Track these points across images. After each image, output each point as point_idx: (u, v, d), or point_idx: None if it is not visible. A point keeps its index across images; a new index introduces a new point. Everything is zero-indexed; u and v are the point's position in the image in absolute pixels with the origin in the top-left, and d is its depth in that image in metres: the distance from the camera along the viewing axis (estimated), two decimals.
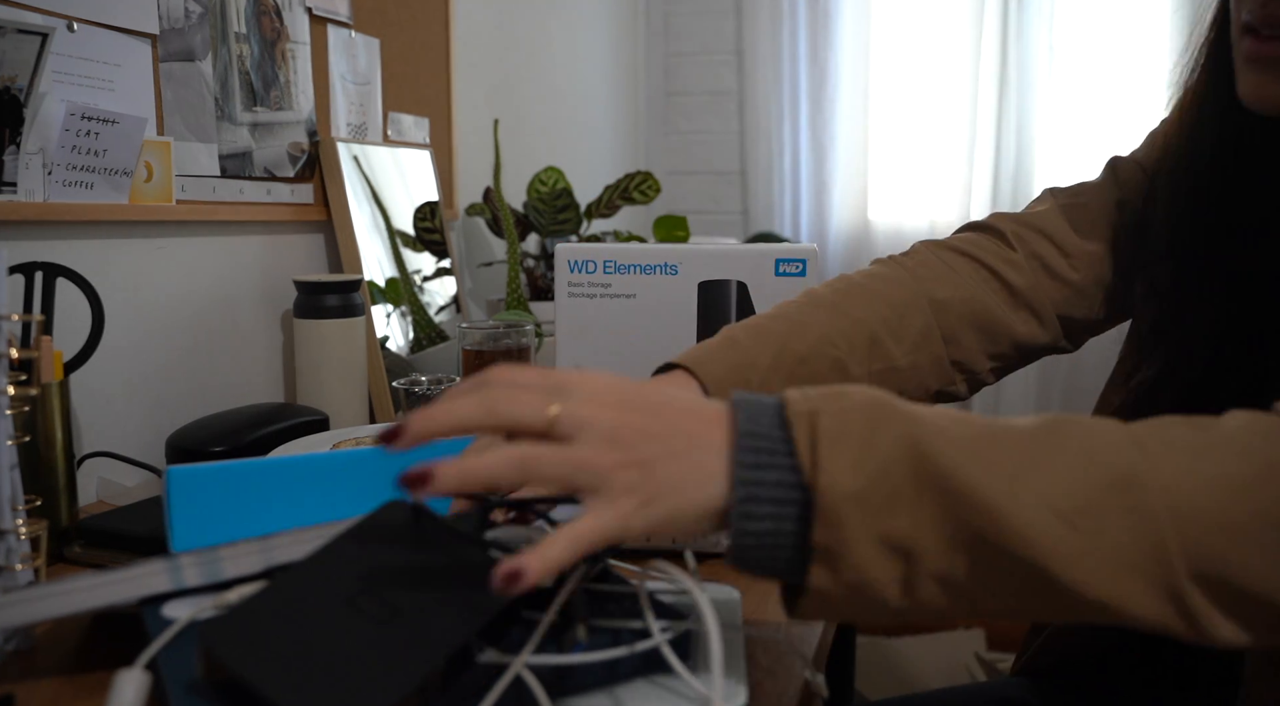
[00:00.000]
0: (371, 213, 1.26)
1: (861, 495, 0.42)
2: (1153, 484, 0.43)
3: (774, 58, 2.49)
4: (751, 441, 0.44)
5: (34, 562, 0.61)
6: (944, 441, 0.43)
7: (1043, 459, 0.44)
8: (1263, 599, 0.43)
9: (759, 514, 0.43)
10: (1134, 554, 0.43)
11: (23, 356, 0.63)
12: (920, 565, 0.43)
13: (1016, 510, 0.42)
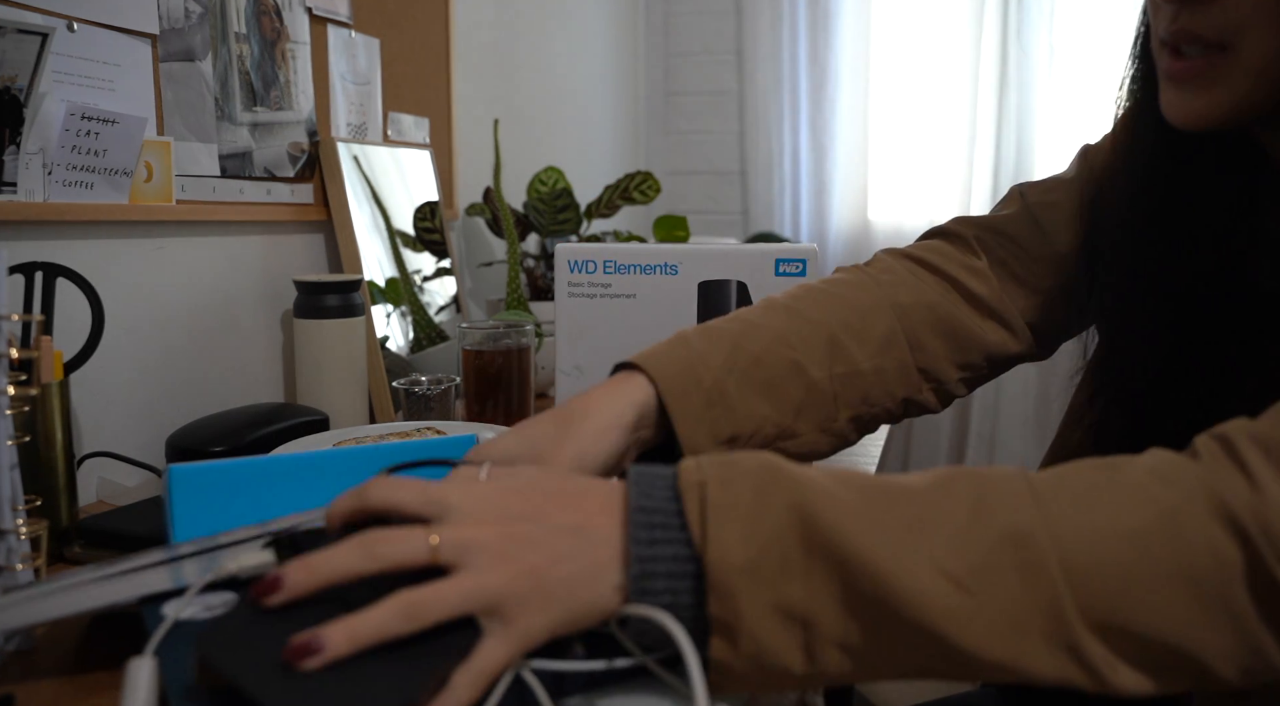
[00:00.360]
0: (371, 213, 1.26)
1: (752, 566, 0.43)
2: (1044, 538, 0.43)
3: (774, 58, 2.49)
4: (645, 516, 0.44)
5: (34, 562, 0.61)
6: (832, 506, 0.43)
7: (932, 518, 0.44)
8: (1164, 645, 0.43)
9: (656, 588, 0.44)
10: (1028, 612, 0.43)
11: (23, 356, 0.63)
12: (818, 632, 0.43)
13: (905, 574, 0.42)
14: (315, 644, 0.40)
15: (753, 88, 2.53)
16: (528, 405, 1.14)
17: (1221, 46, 0.57)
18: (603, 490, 0.47)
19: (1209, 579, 0.43)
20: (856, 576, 0.42)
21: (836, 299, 0.73)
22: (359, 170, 1.25)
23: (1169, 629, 0.43)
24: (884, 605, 0.42)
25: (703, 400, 0.64)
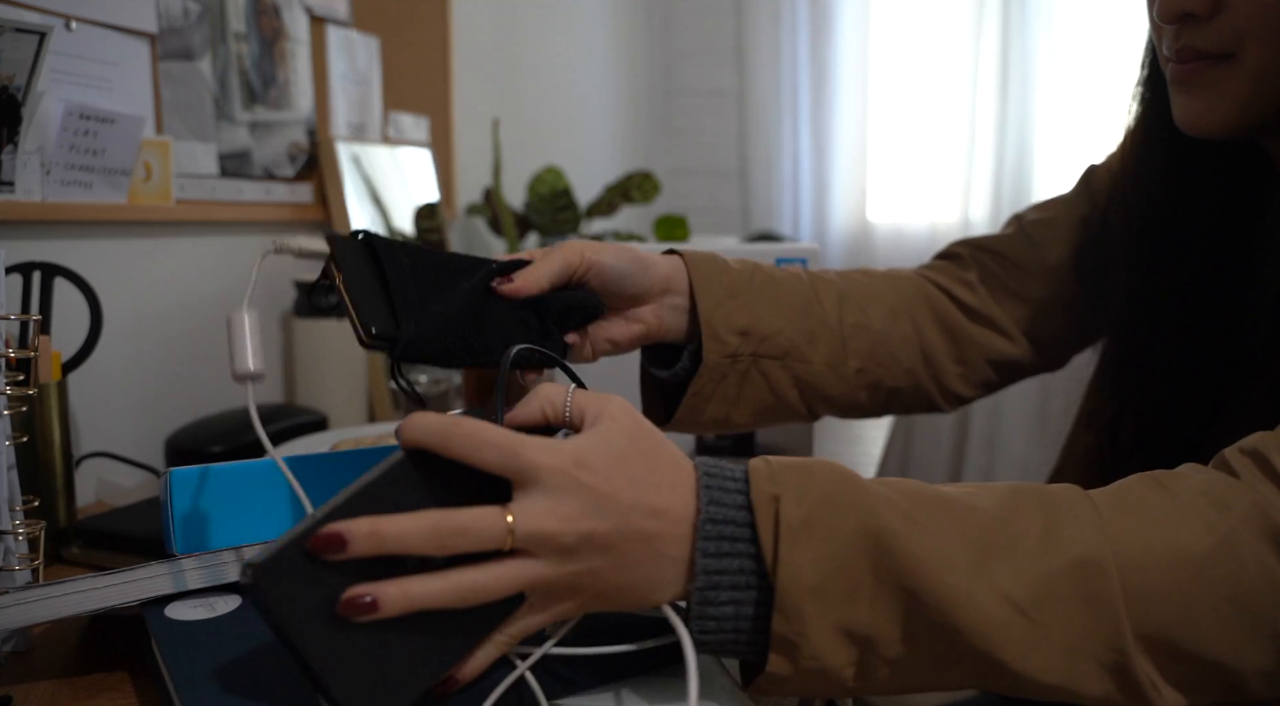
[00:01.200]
0: (371, 212, 1.25)
1: (821, 588, 0.43)
2: (1110, 566, 0.44)
3: (774, 57, 2.49)
4: (715, 528, 0.44)
5: (32, 563, 0.61)
6: (904, 530, 0.44)
7: (1002, 543, 0.45)
8: (1210, 665, 0.45)
9: (720, 599, 0.44)
10: (1089, 640, 0.44)
11: (20, 356, 0.63)
12: (876, 651, 0.44)
13: (974, 606, 0.43)
14: (371, 602, 0.40)
15: (753, 87, 2.53)
16: None
17: (1223, 58, 0.59)
18: (682, 486, 0.45)
19: (1263, 606, 0.44)
20: (925, 606, 0.43)
21: (847, 276, 0.79)
22: (358, 170, 1.24)
23: (1217, 650, 0.44)
24: (947, 632, 0.43)
25: (724, 290, 0.69)
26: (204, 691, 0.44)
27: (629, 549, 0.44)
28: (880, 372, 0.77)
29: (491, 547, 0.42)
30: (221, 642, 0.48)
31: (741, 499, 0.45)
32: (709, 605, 0.44)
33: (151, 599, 0.53)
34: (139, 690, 0.52)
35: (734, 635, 0.45)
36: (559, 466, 0.43)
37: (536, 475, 0.43)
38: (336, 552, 0.40)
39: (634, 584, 0.44)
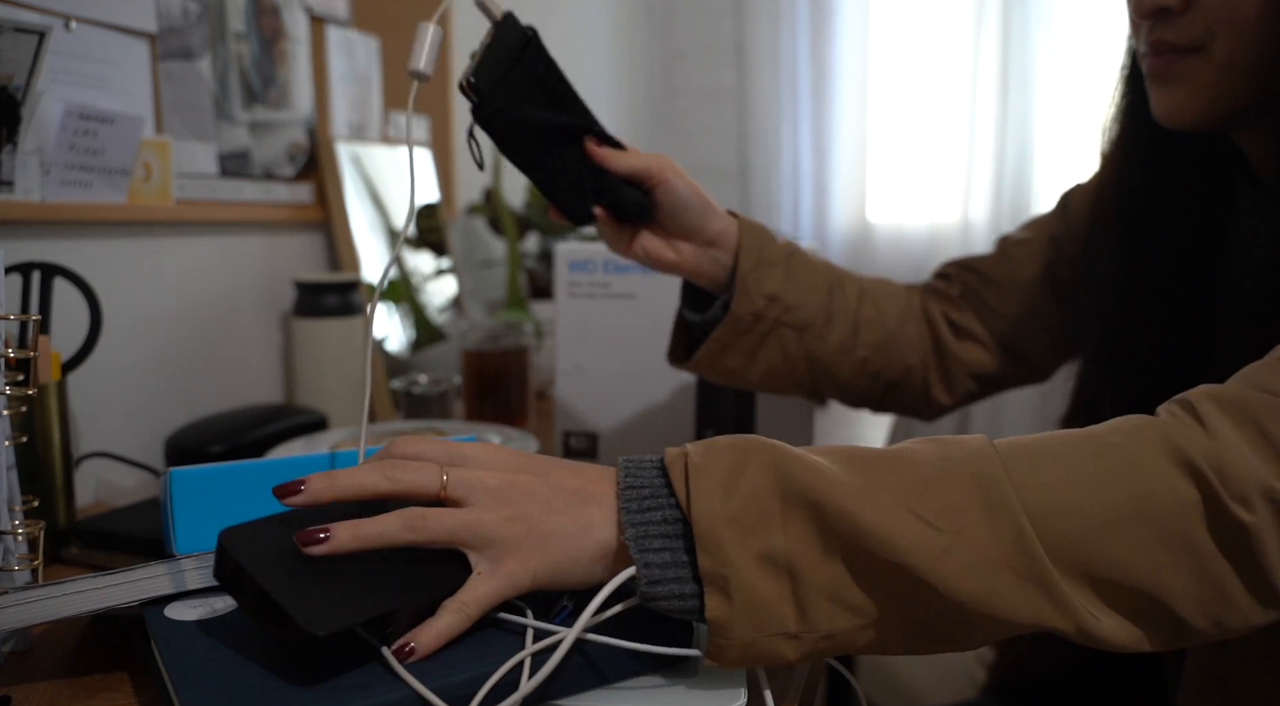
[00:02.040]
0: (371, 212, 1.25)
1: (735, 517, 0.45)
2: (1007, 483, 0.45)
3: (774, 56, 2.48)
4: (635, 491, 0.48)
5: (31, 563, 0.61)
6: (805, 463, 0.46)
7: (901, 469, 0.47)
8: (1133, 589, 0.45)
9: (654, 548, 0.46)
10: (998, 549, 0.45)
11: (20, 356, 0.63)
12: (804, 581, 0.45)
13: (875, 514, 0.45)
14: (323, 534, 0.46)
15: (752, 86, 2.53)
16: (527, 405, 1.14)
17: (1195, 51, 0.63)
18: (598, 468, 0.51)
19: (1168, 519, 0.46)
20: (831, 519, 0.45)
21: (866, 277, 0.87)
22: (358, 170, 1.24)
23: (1135, 570, 0.45)
24: (859, 545, 0.45)
25: (764, 257, 0.77)
26: (204, 691, 0.44)
27: (554, 496, 0.48)
28: (883, 365, 0.84)
29: (430, 487, 0.48)
30: (221, 642, 0.48)
31: (657, 470, 0.49)
32: (647, 553, 0.46)
33: (151, 599, 0.53)
34: (139, 690, 0.52)
35: (674, 585, 0.46)
36: (486, 448, 0.51)
37: (465, 451, 0.50)
38: (296, 497, 0.47)
39: (566, 528, 0.48)
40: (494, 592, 0.47)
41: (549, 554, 0.47)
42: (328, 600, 0.45)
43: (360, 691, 0.44)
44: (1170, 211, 0.73)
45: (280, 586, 0.45)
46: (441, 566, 0.49)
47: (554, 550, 0.47)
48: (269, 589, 0.45)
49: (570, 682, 0.48)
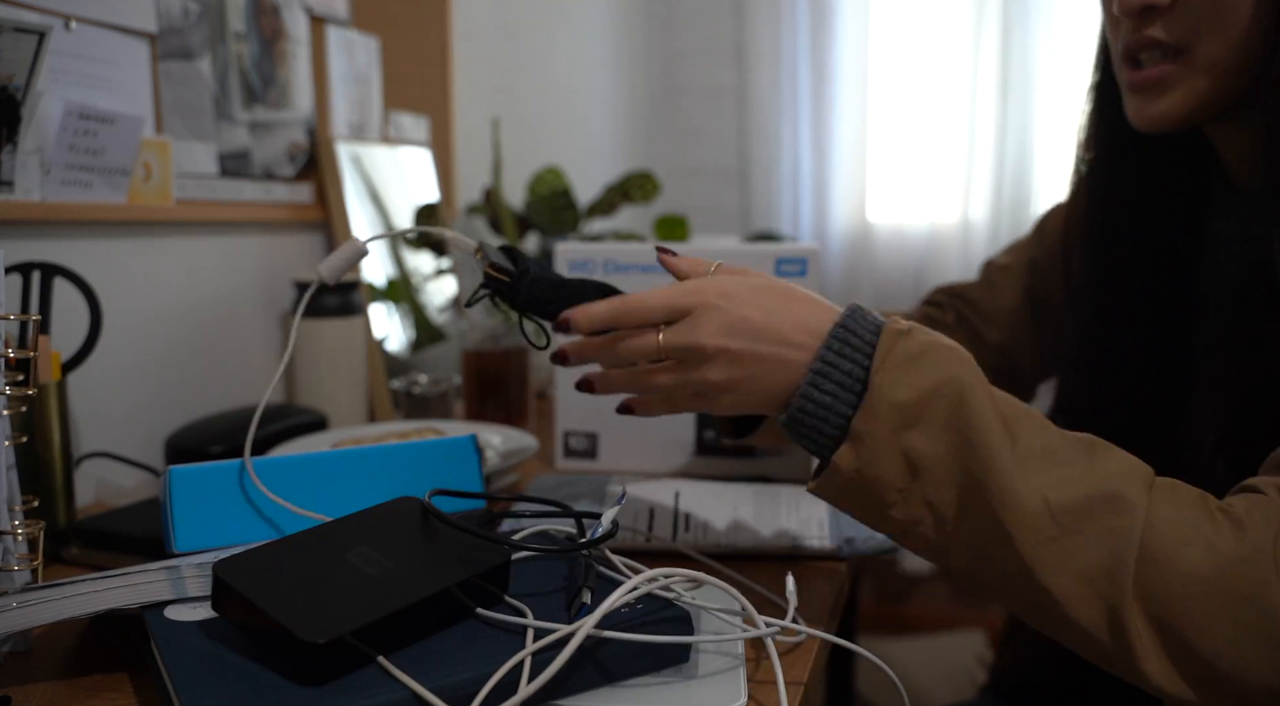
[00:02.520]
0: (371, 213, 1.25)
1: (902, 406, 0.51)
2: (1143, 518, 0.48)
3: (774, 56, 2.48)
4: (844, 333, 0.53)
5: (31, 563, 0.61)
6: (991, 405, 0.51)
7: (1062, 456, 0.50)
8: (1210, 658, 0.47)
9: (824, 387, 0.53)
10: (1095, 565, 0.48)
11: (20, 356, 0.63)
12: (920, 483, 0.51)
13: (1016, 481, 0.49)
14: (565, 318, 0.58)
15: (753, 86, 2.53)
16: (527, 405, 1.14)
17: (1178, 50, 0.63)
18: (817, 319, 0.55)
19: (1273, 612, 0.46)
20: (976, 459, 0.49)
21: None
22: (358, 170, 1.24)
23: (1220, 646, 0.46)
24: (983, 491, 0.49)
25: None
26: (203, 692, 0.44)
27: (755, 366, 0.54)
28: None
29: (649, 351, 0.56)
30: (221, 643, 0.48)
31: (875, 327, 0.54)
32: (814, 388, 0.53)
33: (152, 603, 0.53)
34: (138, 690, 0.52)
35: (819, 422, 0.53)
36: (704, 301, 0.55)
37: (689, 309, 0.55)
38: (564, 329, 0.58)
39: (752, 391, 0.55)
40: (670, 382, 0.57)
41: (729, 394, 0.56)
42: (322, 610, 0.46)
43: (360, 691, 0.44)
44: (1148, 215, 0.74)
45: (274, 602, 0.46)
46: (435, 570, 0.50)
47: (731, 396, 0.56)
48: (263, 606, 0.45)
49: (573, 681, 0.48)
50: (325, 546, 0.52)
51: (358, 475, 0.66)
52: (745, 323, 0.54)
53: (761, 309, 0.55)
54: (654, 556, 0.70)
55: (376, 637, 0.46)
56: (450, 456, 0.70)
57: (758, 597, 0.64)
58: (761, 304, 0.55)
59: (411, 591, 0.48)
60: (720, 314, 0.55)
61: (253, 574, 0.48)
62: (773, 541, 0.72)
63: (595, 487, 0.82)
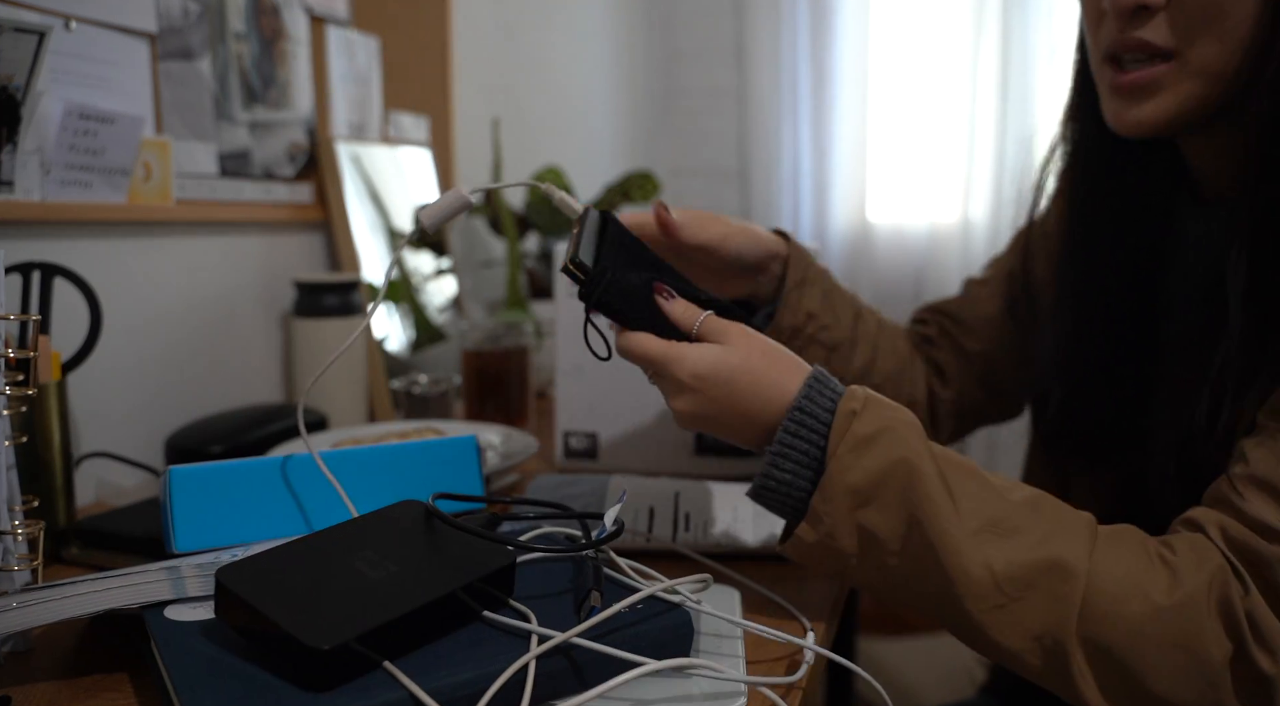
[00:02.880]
0: (371, 212, 1.25)
1: (858, 488, 0.55)
2: (1084, 581, 0.52)
3: (774, 57, 2.48)
4: (800, 416, 0.57)
5: (31, 563, 0.61)
6: (939, 481, 0.54)
7: (1007, 525, 0.54)
8: (1143, 695, 0.52)
9: (785, 467, 0.57)
10: (1041, 625, 0.53)
11: (20, 356, 0.63)
12: (876, 552, 0.55)
13: (964, 555, 0.53)
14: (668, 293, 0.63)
15: (753, 87, 2.53)
16: (527, 405, 1.14)
17: (1167, 54, 0.61)
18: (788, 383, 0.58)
19: (1206, 657, 0.52)
20: (923, 537, 0.54)
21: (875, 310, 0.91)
22: (358, 170, 1.24)
23: (1156, 681, 0.52)
24: (933, 565, 0.54)
25: (806, 277, 0.80)
26: (204, 692, 0.44)
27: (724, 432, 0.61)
28: (893, 394, 0.84)
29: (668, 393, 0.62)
30: (222, 643, 0.48)
31: (832, 403, 0.57)
32: (775, 468, 0.57)
33: (152, 603, 0.53)
34: (139, 690, 0.52)
35: (781, 497, 0.58)
36: (686, 381, 0.59)
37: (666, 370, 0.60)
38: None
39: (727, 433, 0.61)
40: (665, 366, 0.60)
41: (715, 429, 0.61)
42: (327, 615, 0.45)
43: (359, 691, 0.44)
44: (1125, 221, 0.74)
45: (279, 608, 0.46)
46: (439, 574, 0.50)
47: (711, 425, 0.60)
48: (268, 612, 0.45)
49: (575, 682, 0.48)
50: (329, 551, 0.52)
51: (359, 473, 0.66)
52: (712, 405, 0.60)
53: (728, 389, 0.59)
54: (654, 556, 0.70)
55: (382, 642, 0.46)
56: (450, 456, 0.70)
57: (758, 598, 0.64)
58: (735, 383, 0.59)
59: (416, 595, 0.48)
60: (691, 396, 0.60)
61: (256, 579, 0.48)
62: (773, 541, 0.72)
63: (595, 487, 0.82)
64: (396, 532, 0.54)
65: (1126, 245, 0.74)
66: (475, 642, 0.48)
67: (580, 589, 0.54)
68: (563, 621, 0.49)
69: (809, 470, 0.57)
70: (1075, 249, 0.78)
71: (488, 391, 1.13)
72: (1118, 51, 0.64)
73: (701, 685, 0.50)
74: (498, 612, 0.51)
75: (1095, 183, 0.76)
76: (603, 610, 0.49)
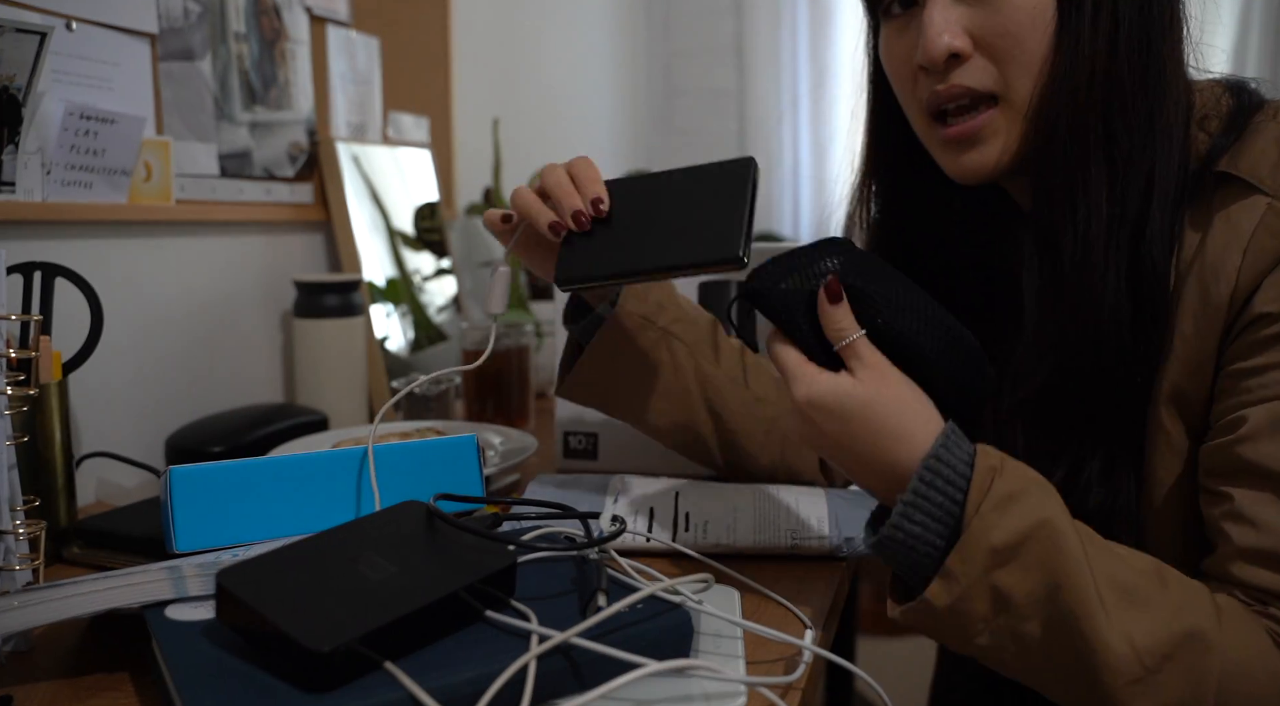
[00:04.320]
0: (371, 213, 1.25)
1: (998, 549, 0.52)
2: (1219, 654, 0.51)
3: (774, 56, 2.49)
4: (936, 464, 0.54)
5: (32, 563, 0.61)
6: (1076, 546, 0.52)
7: (1142, 595, 0.52)
8: None
9: (915, 518, 0.54)
10: (1177, 701, 0.51)
11: (21, 356, 0.63)
12: (1008, 616, 0.52)
13: (1103, 625, 0.51)
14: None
15: (753, 86, 2.53)
16: (527, 405, 1.14)
17: (992, 97, 0.62)
18: (921, 434, 0.55)
19: None
20: (1063, 602, 0.51)
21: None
22: (358, 170, 1.24)
23: None
24: (1071, 634, 0.51)
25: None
26: (205, 691, 0.44)
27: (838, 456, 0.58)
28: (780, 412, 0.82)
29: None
30: (222, 643, 0.48)
31: (968, 458, 0.54)
32: (907, 519, 0.54)
33: (153, 602, 0.53)
34: (140, 690, 0.52)
35: (909, 553, 0.54)
36: (798, 403, 0.57)
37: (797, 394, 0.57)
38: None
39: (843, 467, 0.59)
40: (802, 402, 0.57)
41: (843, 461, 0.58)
42: (327, 617, 0.46)
43: (360, 691, 0.44)
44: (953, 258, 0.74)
45: (280, 611, 0.46)
46: (440, 575, 0.50)
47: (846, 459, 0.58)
48: (268, 614, 0.45)
49: (575, 682, 0.48)
50: (330, 552, 0.52)
51: (358, 475, 0.66)
52: (823, 438, 0.58)
53: (842, 425, 0.57)
54: (654, 556, 0.70)
55: (382, 643, 0.46)
56: (450, 457, 0.70)
57: (758, 598, 0.64)
58: (850, 421, 0.57)
59: (416, 597, 0.48)
60: (801, 422, 0.58)
61: (257, 582, 0.48)
62: (772, 541, 0.72)
63: (595, 487, 0.82)
64: (397, 533, 0.54)
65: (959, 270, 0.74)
66: (476, 642, 0.48)
67: (582, 589, 0.54)
68: (563, 621, 0.49)
69: (942, 524, 0.54)
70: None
71: (488, 391, 1.13)
72: (941, 104, 0.64)
73: (701, 684, 0.50)
74: (498, 612, 0.51)
75: (917, 230, 0.75)
76: (607, 604, 0.50)
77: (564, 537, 0.62)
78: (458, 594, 0.49)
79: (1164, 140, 0.60)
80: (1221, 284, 0.58)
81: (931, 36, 0.61)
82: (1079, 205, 0.60)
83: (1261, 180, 0.58)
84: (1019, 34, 0.60)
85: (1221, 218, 0.59)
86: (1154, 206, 0.60)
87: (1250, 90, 0.64)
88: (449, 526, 0.55)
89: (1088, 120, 0.60)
